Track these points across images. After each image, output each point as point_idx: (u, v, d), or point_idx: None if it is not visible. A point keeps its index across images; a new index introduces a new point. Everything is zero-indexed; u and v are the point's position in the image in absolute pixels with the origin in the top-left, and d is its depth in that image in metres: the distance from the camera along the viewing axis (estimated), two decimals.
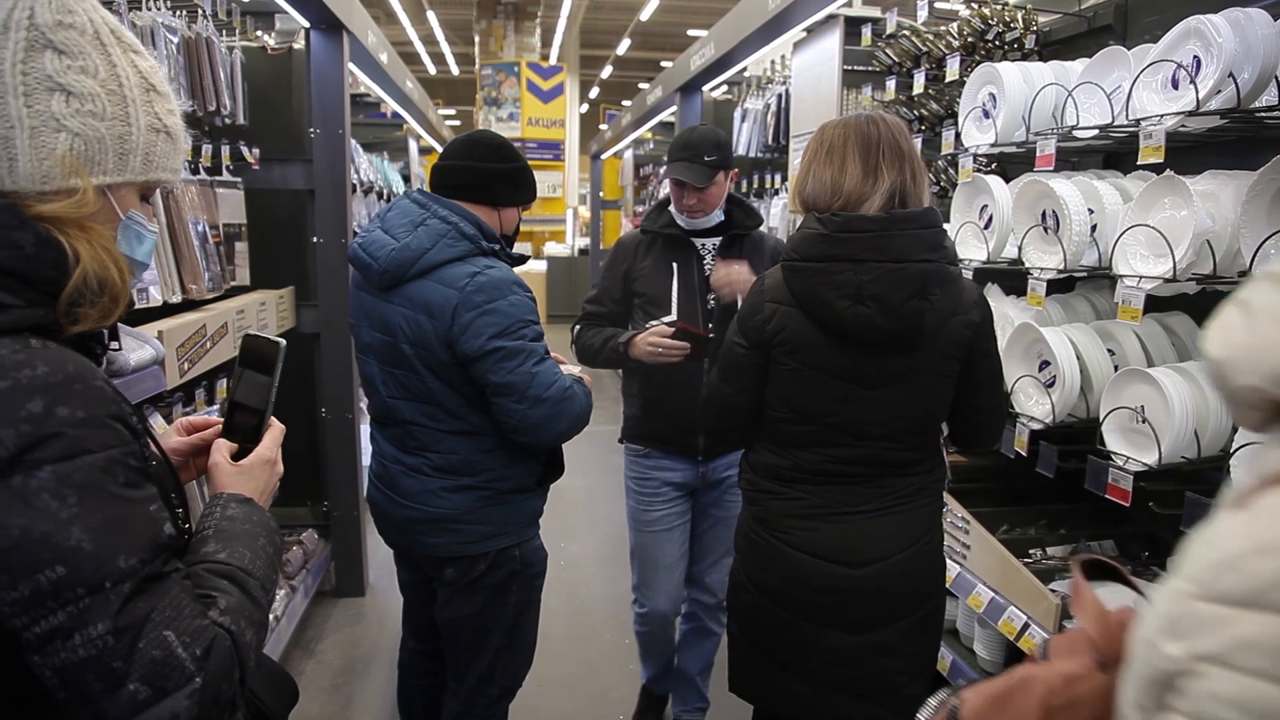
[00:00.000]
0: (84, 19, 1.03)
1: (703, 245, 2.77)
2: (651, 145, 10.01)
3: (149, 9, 2.90)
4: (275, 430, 1.28)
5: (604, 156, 11.77)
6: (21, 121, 0.98)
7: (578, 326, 2.85)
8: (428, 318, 2.09)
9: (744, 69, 5.33)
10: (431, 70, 24.33)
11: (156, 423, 2.57)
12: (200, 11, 3.20)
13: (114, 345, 1.15)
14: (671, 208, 2.77)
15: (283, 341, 1.27)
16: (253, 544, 1.13)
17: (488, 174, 2.21)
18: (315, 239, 3.95)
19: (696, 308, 2.70)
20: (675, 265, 2.72)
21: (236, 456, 1.24)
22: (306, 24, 3.79)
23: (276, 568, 1.17)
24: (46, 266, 0.99)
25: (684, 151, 2.65)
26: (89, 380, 0.97)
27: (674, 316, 2.64)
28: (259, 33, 3.90)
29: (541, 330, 2.18)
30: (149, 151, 1.09)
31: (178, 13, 3.09)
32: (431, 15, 18.70)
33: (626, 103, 13.40)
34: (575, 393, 2.18)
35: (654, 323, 2.60)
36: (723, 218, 2.76)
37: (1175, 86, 1.97)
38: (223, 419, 1.29)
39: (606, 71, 25.30)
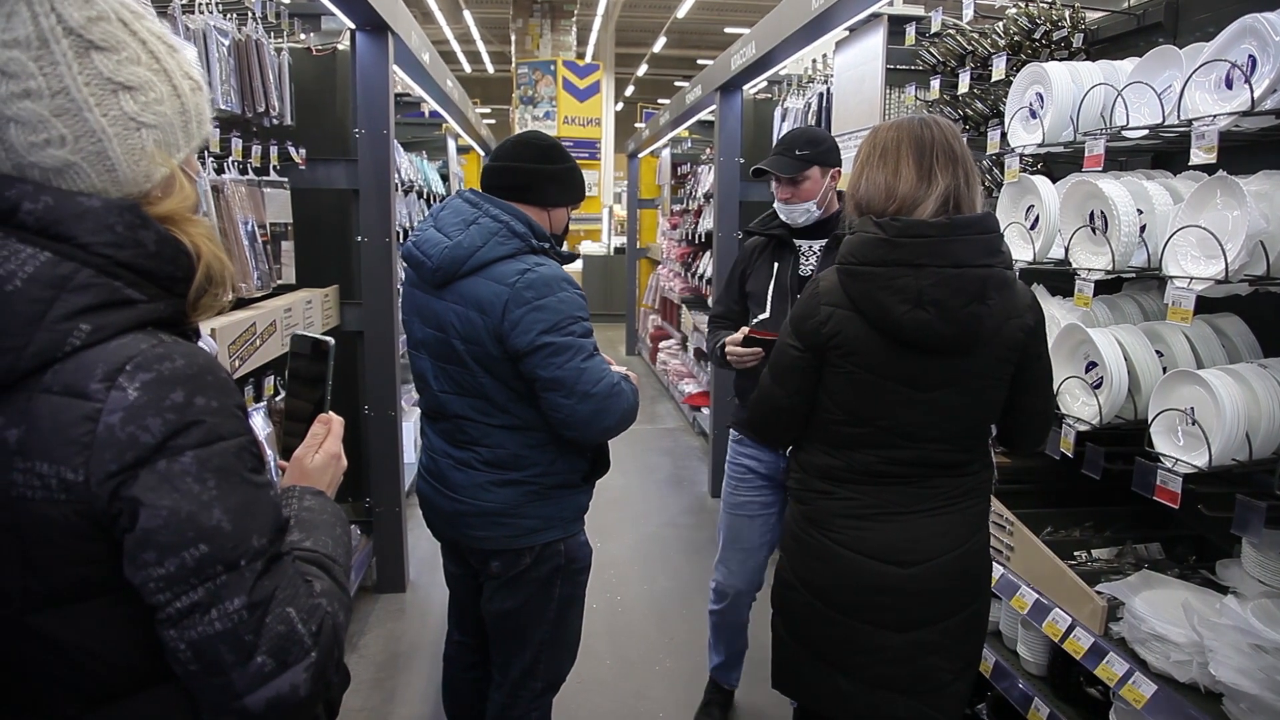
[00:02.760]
0: (102, 5, 1.02)
1: (807, 247, 2.89)
2: (689, 144, 9.98)
3: (201, 13, 2.95)
4: (337, 425, 1.33)
5: (641, 155, 11.76)
6: (105, 132, 1.00)
7: (707, 329, 3.06)
8: (479, 313, 2.12)
9: (781, 68, 5.32)
10: (467, 69, 24.47)
11: None
12: (250, 14, 3.25)
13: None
14: (775, 203, 2.90)
15: (331, 341, 1.32)
16: (331, 532, 1.19)
17: (537, 175, 2.24)
18: (359, 238, 4.00)
19: (786, 306, 2.80)
20: (776, 265, 2.87)
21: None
22: (352, 25, 3.84)
23: (351, 555, 1.23)
24: (166, 262, 1.03)
25: (778, 147, 2.86)
26: (217, 372, 1.02)
27: (766, 315, 2.82)
28: (302, 35, 3.95)
29: (590, 327, 2.21)
30: (198, 112, 1.11)
31: (228, 16, 3.15)
32: (468, 14, 18.82)
33: (663, 101, 13.38)
34: (623, 389, 2.21)
35: (755, 321, 2.83)
36: (818, 214, 2.84)
37: (1229, 86, 1.95)
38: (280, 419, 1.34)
39: (642, 69, 25.30)
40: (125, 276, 0.99)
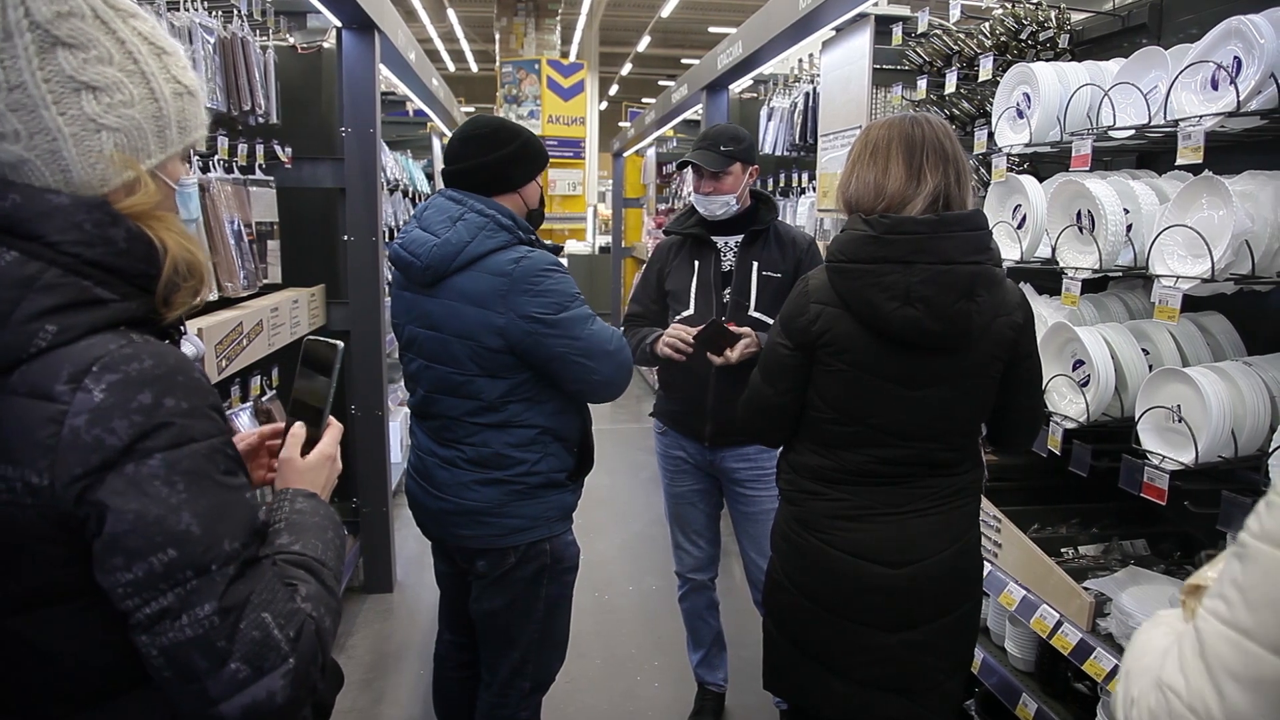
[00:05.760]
0: (76, 1, 0.99)
1: (724, 244, 2.90)
2: (674, 143, 9.98)
3: (186, 9, 2.93)
4: (335, 429, 1.32)
5: (626, 154, 11.74)
6: (61, 132, 0.97)
7: (622, 328, 3.01)
8: (474, 308, 2.13)
9: (767, 67, 5.32)
10: (451, 68, 24.39)
11: None
12: (235, 11, 3.23)
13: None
14: (692, 196, 2.91)
15: (340, 344, 1.31)
16: (322, 536, 1.17)
17: (492, 166, 2.23)
18: (346, 237, 3.98)
19: (711, 303, 2.85)
20: (697, 264, 2.89)
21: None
22: (339, 23, 3.82)
23: (343, 559, 1.21)
24: (138, 260, 1.01)
25: (702, 142, 2.86)
26: (189, 372, 1.00)
27: (690, 311, 2.84)
28: (288, 34, 3.92)
29: (584, 299, 2.24)
30: (181, 118, 1.08)
31: (213, 13, 3.12)
32: (452, 13, 18.76)
33: (648, 100, 13.35)
34: (622, 340, 2.28)
35: (679, 318, 2.83)
36: (735, 207, 2.85)
37: (1214, 87, 1.97)
38: (283, 420, 1.33)
39: (626, 69, 25.28)
40: (94, 275, 0.98)
